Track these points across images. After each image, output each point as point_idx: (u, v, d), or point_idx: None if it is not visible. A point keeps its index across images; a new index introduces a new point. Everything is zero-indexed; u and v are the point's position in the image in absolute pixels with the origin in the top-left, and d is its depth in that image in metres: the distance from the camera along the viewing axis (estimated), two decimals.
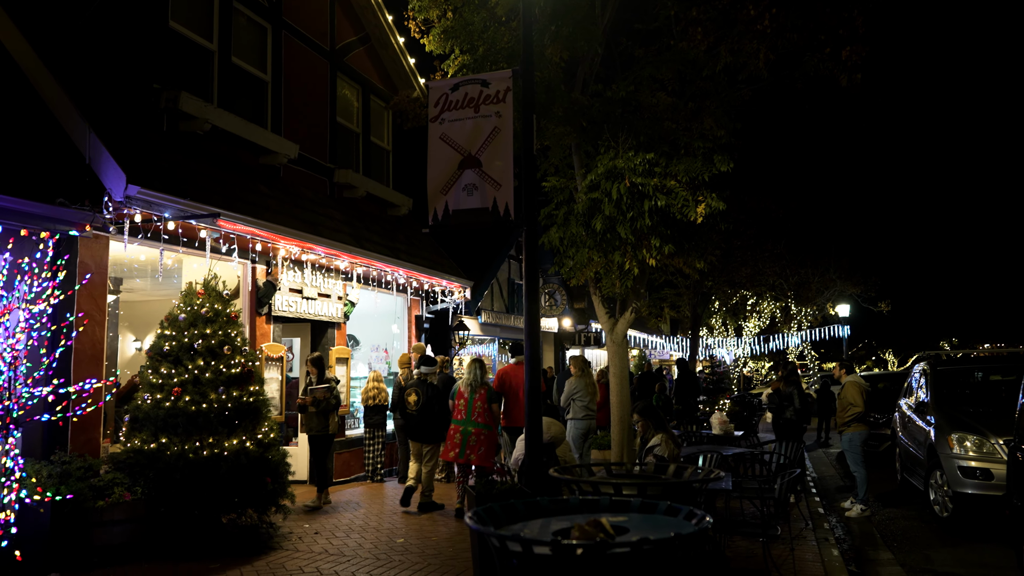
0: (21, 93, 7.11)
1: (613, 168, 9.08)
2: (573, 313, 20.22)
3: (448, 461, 8.40)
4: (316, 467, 9.06)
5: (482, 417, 8.11)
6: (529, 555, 2.59)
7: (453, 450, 8.14)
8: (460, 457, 8.03)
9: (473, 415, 8.10)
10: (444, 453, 8.34)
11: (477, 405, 8.12)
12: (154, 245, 7.46)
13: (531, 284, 5.55)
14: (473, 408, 8.12)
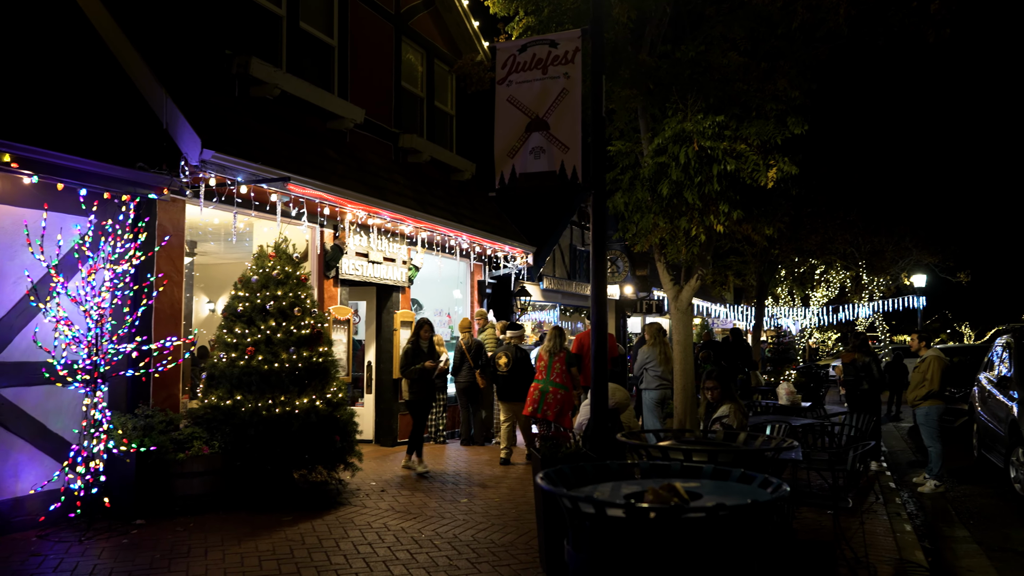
0: (103, 61, 7.33)
1: (681, 131, 8.86)
2: (635, 280, 19.99)
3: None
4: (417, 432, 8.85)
5: (559, 378, 8.62)
6: (602, 517, 2.59)
7: (531, 406, 8.68)
8: (537, 412, 8.56)
9: (552, 376, 8.64)
10: (524, 409, 8.92)
11: (556, 367, 8.67)
12: (227, 208, 7.65)
13: (598, 249, 5.48)
14: (552, 369, 8.67)
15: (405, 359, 8.84)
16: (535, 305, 16.44)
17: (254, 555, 5.47)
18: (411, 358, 8.80)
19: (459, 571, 5.20)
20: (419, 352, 8.84)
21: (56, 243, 6.15)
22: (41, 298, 6.06)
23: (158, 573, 5.02)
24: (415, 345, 8.88)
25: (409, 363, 8.77)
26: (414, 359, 8.78)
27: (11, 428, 6.00)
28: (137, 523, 6.20)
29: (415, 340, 8.94)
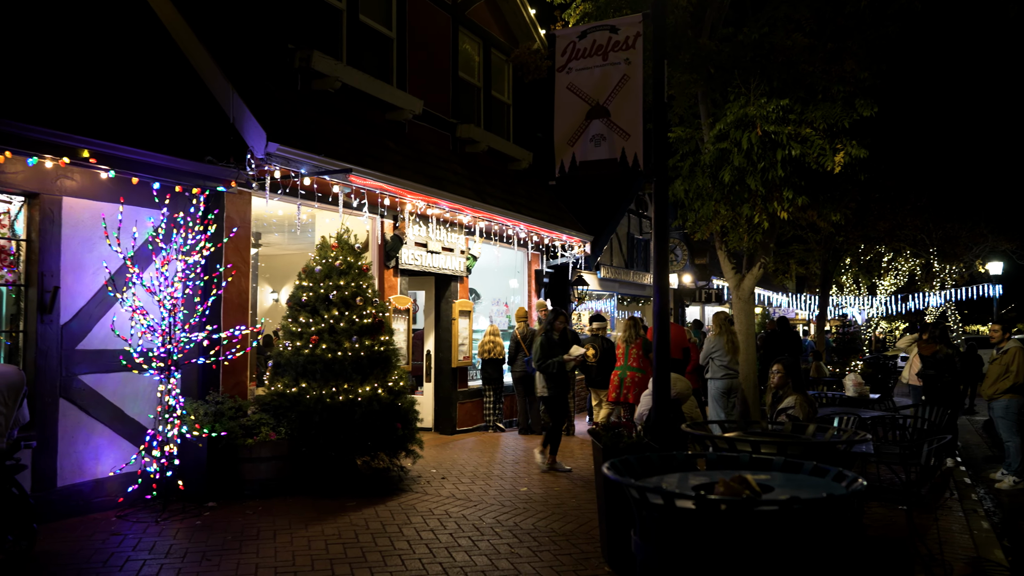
0: (172, 57, 7.56)
1: (744, 116, 8.67)
2: (694, 269, 19.70)
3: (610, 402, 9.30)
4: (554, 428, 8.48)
5: (636, 363, 8.98)
6: (671, 508, 2.55)
7: (614, 391, 9.06)
8: (619, 397, 8.94)
9: (629, 361, 9.00)
10: (608, 395, 9.25)
11: (632, 353, 9.00)
12: (291, 200, 7.81)
13: (660, 237, 5.40)
14: (629, 356, 9.03)
15: (540, 352, 8.46)
16: (592, 294, 16.35)
17: (320, 539, 5.60)
18: (546, 351, 8.42)
19: (520, 559, 5.23)
20: (554, 344, 8.47)
21: (132, 235, 6.39)
22: (118, 288, 6.31)
23: (230, 554, 5.19)
24: (548, 337, 8.51)
25: (545, 356, 8.41)
26: (549, 352, 8.41)
27: (91, 413, 6.28)
28: (209, 505, 6.42)
29: (548, 331, 8.57)
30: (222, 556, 5.15)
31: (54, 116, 5.77)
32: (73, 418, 6.14)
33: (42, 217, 5.97)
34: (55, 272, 6.03)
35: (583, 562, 5.19)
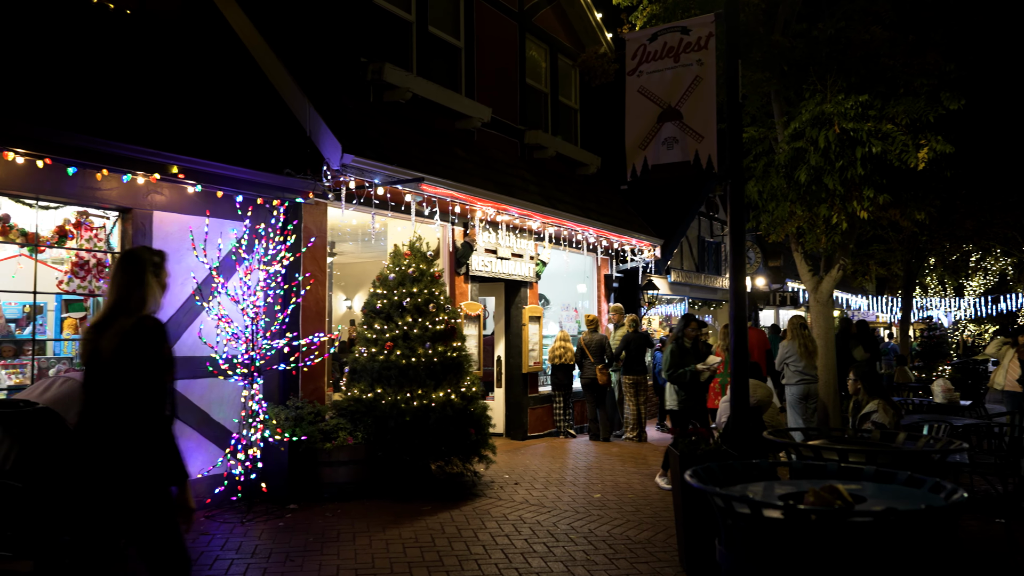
0: (251, 74, 7.85)
1: (820, 114, 8.41)
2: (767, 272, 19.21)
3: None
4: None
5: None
6: (758, 518, 2.49)
7: (716, 399, 8.76)
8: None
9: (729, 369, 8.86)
10: (710, 402, 8.99)
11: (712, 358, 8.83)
12: (365, 210, 7.99)
13: (737, 240, 5.29)
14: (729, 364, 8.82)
15: (671, 360, 8.00)
16: (662, 299, 16.13)
17: (398, 542, 5.69)
18: (677, 360, 7.92)
19: (597, 566, 5.19)
20: (685, 352, 7.98)
21: (217, 247, 6.66)
22: (204, 297, 6.58)
23: (312, 555, 5.33)
24: (679, 344, 7.99)
25: (675, 366, 7.94)
26: (680, 361, 7.90)
27: (181, 417, 6.53)
28: (290, 507, 6.61)
29: (679, 339, 8.05)
30: (304, 557, 5.29)
31: (145, 134, 6.07)
32: None
33: (135, 231, 6.28)
34: None
35: (660, 571, 5.12)
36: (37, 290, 5.97)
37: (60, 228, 6.01)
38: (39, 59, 5.91)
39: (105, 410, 2.96)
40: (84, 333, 3.12)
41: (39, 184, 5.62)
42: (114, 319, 3.02)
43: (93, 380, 3.02)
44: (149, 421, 2.96)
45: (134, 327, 3.00)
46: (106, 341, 2.99)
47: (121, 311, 3.04)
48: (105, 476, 2.94)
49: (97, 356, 3.00)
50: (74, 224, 6.10)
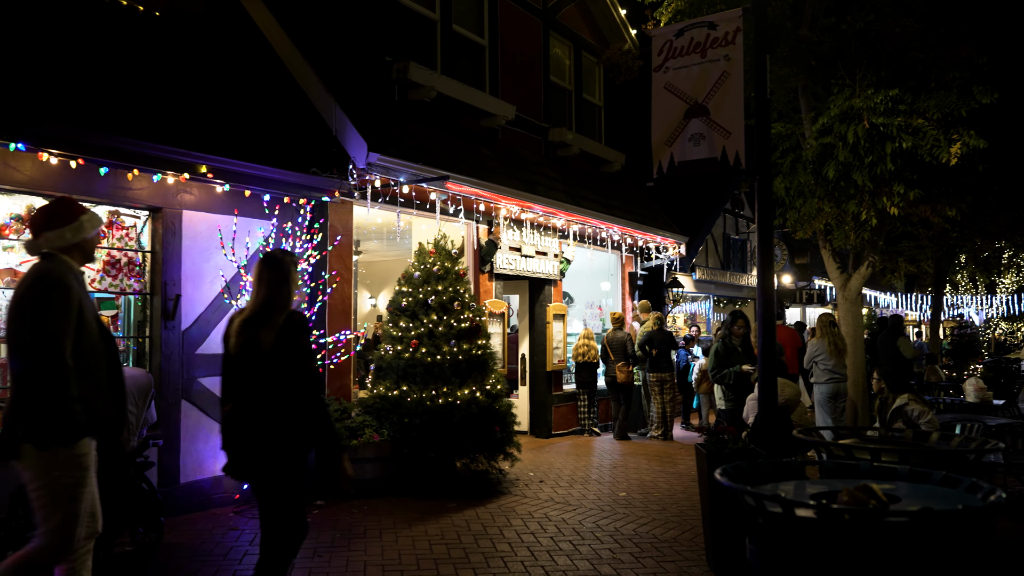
0: (277, 74, 7.92)
1: (849, 109, 8.30)
2: (793, 269, 19.00)
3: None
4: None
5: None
6: (790, 517, 2.47)
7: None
8: None
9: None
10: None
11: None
12: (390, 208, 8.02)
13: (764, 237, 5.24)
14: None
15: (715, 360, 7.70)
16: (687, 296, 16.03)
17: (424, 539, 5.71)
18: (722, 360, 7.54)
19: (623, 564, 5.17)
20: (731, 352, 7.59)
21: (245, 245, 6.73)
22: (233, 295, 6.65)
23: (340, 551, 5.37)
24: (726, 343, 7.62)
25: (721, 366, 7.58)
26: (726, 360, 7.51)
27: (210, 413, 6.63)
28: (317, 504, 6.66)
29: (726, 337, 7.67)
30: (332, 553, 5.33)
31: (175, 135, 6.15)
32: (194, 418, 6.52)
33: (164, 230, 6.37)
34: (176, 281, 6.42)
35: (687, 569, 5.09)
36: None
37: None
38: (71, 61, 6.01)
39: (266, 392, 3.34)
40: (237, 326, 3.46)
41: (72, 184, 5.71)
42: (267, 314, 3.41)
43: (250, 367, 3.38)
44: (310, 400, 3.38)
45: (287, 321, 3.39)
46: (264, 334, 3.35)
47: (272, 307, 3.42)
48: (264, 450, 3.30)
49: (256, 347, 3.36)
50: (106, 224, 6.19)
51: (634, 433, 11.17)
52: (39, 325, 3.09)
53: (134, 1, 7.21)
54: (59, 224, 3.29)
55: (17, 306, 3.15)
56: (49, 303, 3.10)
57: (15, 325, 3.14)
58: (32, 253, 3.30)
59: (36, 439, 3.04)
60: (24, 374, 3.09)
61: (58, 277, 3.18)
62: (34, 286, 3.13)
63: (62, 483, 3.09)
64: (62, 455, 3.08)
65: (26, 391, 3.08)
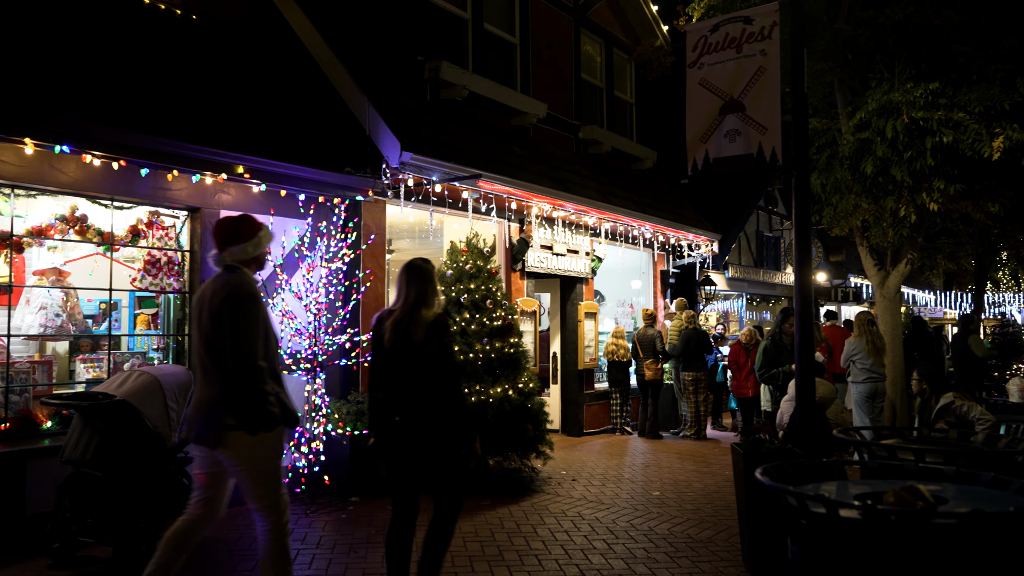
0: (311, 75, 8.00)
1: (888, 103, 8.17)
2: (828, 266, 18.71)
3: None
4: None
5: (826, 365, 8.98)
6: (834, 517, 2.43)
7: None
8: None
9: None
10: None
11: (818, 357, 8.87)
12: (423, 207, 8.06)
13: (802, 234, 5.17)
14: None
15: (763, 359, 7.40)
16: (719, 295, 15.88)
17: (458, 536, 5.72)
18: (771, 359, 7.21)
19: (658, 564, 5.14)
20: (782, 350, 7.22)
21: (280, 244, 6.81)
22: (269, 294, 6.74)
23: (375, 547, 5.41)
24: (776, 341, 7.26)
25: (769, 365, 7.24)
26: (775, 359, 7.17)
27: None
28: (352, 500, 6.73)
29: (776, 335, 7.32)
30: (367, 548, 5.37)
31: (212, 136, 6.25)
32: None
33: (203, 229, 6.47)
34: None
35: (723, 570, 5.04)
36: (112, 287, 6.21)
37: (133, 227, 6.23)
38: (113, 64, 6.13)
39: (416, 381, 3.82)
40: (390, 325, 3.90)
41: (114, 185, 5.84)
42: (416, 313, 3.86)
43: (402, 359, 3.85)
44: (453, 387, 3.87)
45: (436, 320, 3.87)
46: (416, 330, 3.82)
47: (420, 307, 3.87)
48: (416, 431, 3.77)
49: (408, 341, 3.82)
50: (146, 223, 6.31)
51: (666, 432, 11.10)
52: (237, 334, 3.50)
53: (171, 5, 7.34)
54: (243, 239, 3.68)
55: (216, 316, 3.53)
56: (245, 314, 3.53)
57: (216, 335, 3.53)
58: (217, 265, 3.70)
59: (247, 427, 3.48)
60: (227, 376, 3.52)
61: (249, 290, 3.61)
62: (230, 298, 3.53)
63: (265, 464, 3.58)
64: (266, 440, 3.54)
65: (232, 390, 3.51)
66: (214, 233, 3.74)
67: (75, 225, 5.91)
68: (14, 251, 5.66)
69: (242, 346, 3.50)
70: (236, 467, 3.55)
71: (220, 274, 3.67)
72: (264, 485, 3.57)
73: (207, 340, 3.57)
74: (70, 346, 6.35)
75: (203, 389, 3.60)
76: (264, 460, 3.57)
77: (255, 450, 3.52)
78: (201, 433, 3.54)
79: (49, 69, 5.63)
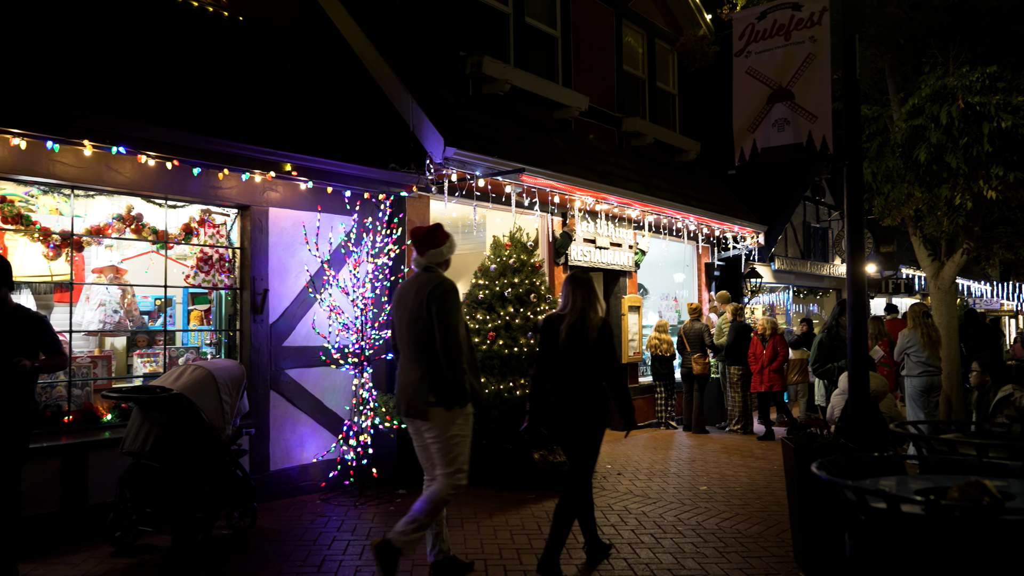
0: (354, 72, 8.10)
1: (942, 88, 7.91)
2: (878, 258, 18.25)
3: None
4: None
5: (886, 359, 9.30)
6: (895, 512, 2.38)
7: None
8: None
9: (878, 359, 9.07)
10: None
11: (877, 351, 9.04)
12: (466, 202, 8.10)
13: (855, 224, 5.05)
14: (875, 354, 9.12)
15: (818, 353, 7.24)
16: (765, 287, 15.61)
17: (505, 529, 5.76)
18: (826, 353, 6.99)
19: (707, 559, 5.10)
20: (839, 344, 6.94)
21: (327, 240, 6.91)
22: (317, 289, 6.85)
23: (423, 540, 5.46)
24: (832, 334, 7.00)
25: (825, 359, 7.03)
26: (831, 354, 6.93)
27: (297, 404, 6.86)
28: (399, 492, 6.80)
29: (831, 328, 7.08)
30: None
31: (261, 134, 6.37)
32: (282, 409, 6.75)
33: (252, 227, 6.60)
34: (264, 276, 6.65)
35: (775, 565, 4.97)
36: (167, 284, 6.38)
37: (186, 225, 6.39)
38: (163, 67, 6.28)
39: (589, 373, 4.63)
40: (566, 326, 4.64)
41: (168, 185, 5.99)
42: (587, 317, 4.65)
43: (575, 355, 4.62)
44: (619, 379, 4.81)
45: (604, 323, 4.73)
46: (588, 332, 4.61)
47: (590, 310, 4.68)
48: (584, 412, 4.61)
49: (583, 341, 4.60)
50: (198, 222, 6.46)
51: (712, 427, 10.98)
52: (446, 322, 4.20)
53: (219, 7, 7.49)
54: (439, 244, 4.45)
55: (425, 308, 4.23)
56: (451, 306, 4.25)
57: (424, 324, 4.23)
58: (417, 266, 4.47)
59: (446, 403, 4.21)
60: (431, 360, 4.22)
61: (452, 286, 4.34)
62: (436, 292, 4.26)
63: (457, 435, 4.29)
64: (459, 414, 4.27)
65: (434, 371, 4.23)
66: (415, 240, 4.45)
67: (131, 224, 6.08)
68: (75, 250, 5.85)
69: (448, 333, 4.19)
70: (432, 436, 4.29)
71: (421, 273, 4.44)
72: (453, 454, 4.28)
73: (414, 328, 4.29)
74: (127, 341, 6.54)
75: (410, 371, 4.34)
76: (453, 432, 4.27)
77: (449, 423, 4.24)
78: (409, 408, 4.31)
79: (105, 72, 5.79)
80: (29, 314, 4.56)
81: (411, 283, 4.41)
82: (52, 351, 4.53)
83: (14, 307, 4.47)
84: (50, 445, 5.35)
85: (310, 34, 8.25)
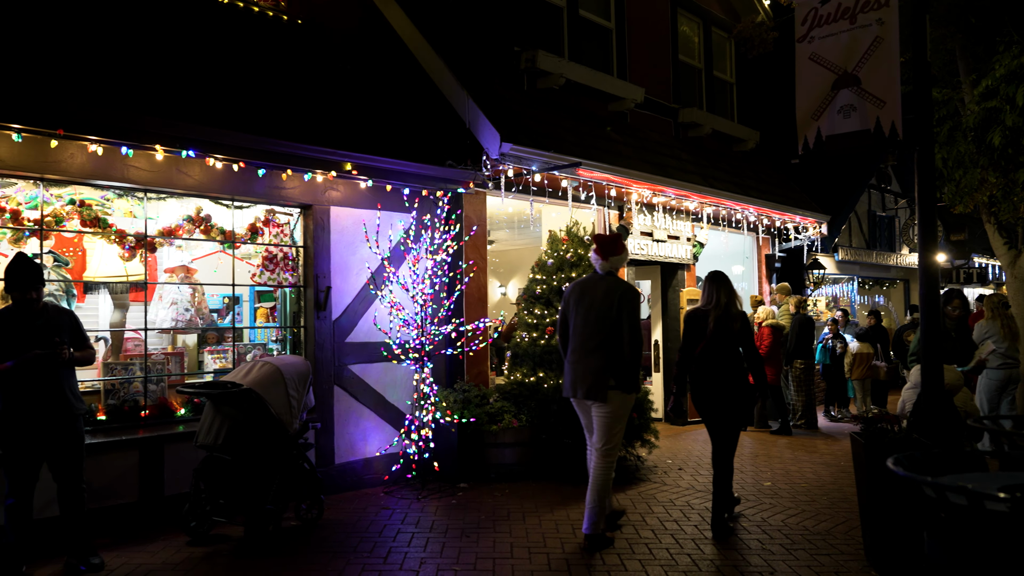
0: (411, 71, 8.19)
1: (1017, 68, 7.56)
2: (948, 246, 17.59)
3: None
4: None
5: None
6: (977, 510, 2.29)
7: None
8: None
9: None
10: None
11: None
12: (523, 197, 8.11)
13: (927, 213, 4.88)
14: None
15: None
16: (829, 279, 15.21)
17: (566, 523, 5.77)
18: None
19: (774, 556, 5.01)
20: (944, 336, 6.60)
21: (387, 238, 7.02)
22: (377, 286, 6.96)
23: (486, 532, 5.52)
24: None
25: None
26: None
27: (360, 399, 6.99)
28: (461, 486, 6.88)
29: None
30: (479, 533, 5.49)
31: (323, 135, 6.50)
32: (345, 403, 6.89)
33: (315, 225, 6.75)
34: (326, 274, 6.79)
35: (844, 563, 4.85)
36: (235, 283, 6.58)
37: (252, 225, 6.57)
38: (227, 71, 6.47)
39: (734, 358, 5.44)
40: (713, 318, 5.42)
41: (234, 186, 6.17)
42: (729, 309, 5.45)
43: (722, 343, 5.42)
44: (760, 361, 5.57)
45: (744, 316, 5.54)
46: (732, 323, 5.42)
47: (731, 305, 5.46)
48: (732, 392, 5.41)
49: (729, 331, 5.42)
50: (263, 222, 6.64)
51: (774, 422, 10.75)
52: (634, 323, 4.98)
53: (279, 11, 7.67)
54: (619, 252, 5.22)
55: (615, 307, 4.98)
56: (636, 307, 5.07)
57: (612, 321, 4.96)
58: (601, 270, 5.22)
59: (627, 388, 4.98)
60: (615, 351, 4.95)
61: (636, 290, 5.21)
62: (626, 295, 5.03)
63: (624, 414, 5.08)
64: (630, 398, 5.05)
65: (615, 361, 4.95)
66: (600, 247, 5.17)
67: (200, 225, 6.28)
68: (148, 251, 6.08)
69: (635, 331, 4.96)
70: (604, 415, 4.99)
71: (604, 276, 5.18)
72: (616, 429, 5.04)
73: (601, 323, 4.98)
74: (198, 338, 6.77)
75: (592, 360, 4.98)
76: (623, 413, 5.05)
77: (622, 405, 5.00)
78: (590, 392, 4.97)
79: (173, 79, 6.00)
80: (60, 309, 4.82)
81: (596, 284, 5.14)
82: (82, 345, 4.75)
83: (43, 306, 4.65)
84: (128, 438, 5.59)
85: (367, 36, 8.38)
